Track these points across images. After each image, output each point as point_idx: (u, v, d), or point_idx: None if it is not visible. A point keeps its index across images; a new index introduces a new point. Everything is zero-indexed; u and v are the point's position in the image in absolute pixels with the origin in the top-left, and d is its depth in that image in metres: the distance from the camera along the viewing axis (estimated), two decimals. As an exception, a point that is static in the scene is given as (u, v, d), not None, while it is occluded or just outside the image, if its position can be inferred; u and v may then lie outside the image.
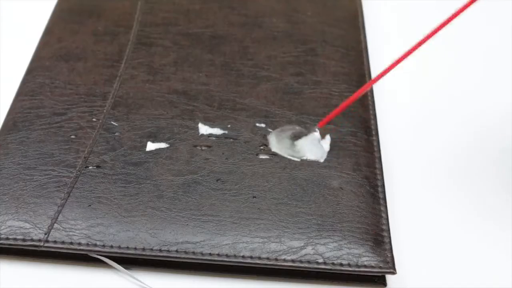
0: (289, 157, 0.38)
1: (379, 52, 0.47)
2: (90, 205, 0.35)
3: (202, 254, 0.33)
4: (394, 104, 0.44)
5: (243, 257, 0.33)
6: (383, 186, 0.37)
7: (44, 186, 0.36)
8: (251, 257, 0.33)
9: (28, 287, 0.34)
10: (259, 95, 0.42)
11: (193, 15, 0.48)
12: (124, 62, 0.43)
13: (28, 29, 0.47)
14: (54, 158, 0.37)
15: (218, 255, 0.33)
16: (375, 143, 0.39)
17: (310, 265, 0.33)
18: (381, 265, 0.33)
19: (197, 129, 0.39)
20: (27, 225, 0.34)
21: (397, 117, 0.44)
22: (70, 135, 0.39)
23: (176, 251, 0.33)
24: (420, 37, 0.34)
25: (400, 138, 0.42)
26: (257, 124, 0.40)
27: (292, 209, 0.35)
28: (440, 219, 0.37)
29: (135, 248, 0.33)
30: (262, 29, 0.47)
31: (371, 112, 0.42)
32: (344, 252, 0.34)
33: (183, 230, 0.34)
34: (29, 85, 0.42)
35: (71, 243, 0.33)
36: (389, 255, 0.34)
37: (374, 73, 0.44)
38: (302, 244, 0.34)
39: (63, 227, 0.34)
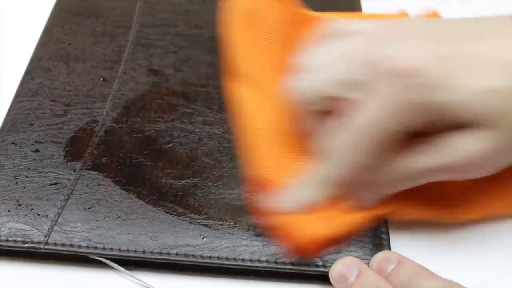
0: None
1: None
2: (90, 208, 0.35)
3: (202, 257, 0.33)
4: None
5: (242, 260, 0.33)
6: (381, 189, 0.37)
7: (44, 188, 0.36)
8: (250, 260, 0.33)
9: (28, 289, 0.34)
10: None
11: (192, 16, 0.47)
12: (123, 63, 0.43)
13: (26, 29, 0.47)
14: (53, 160, 0.37)
15: (218, 258, 0.33)
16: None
17: (310, 268, 0.33)
18: (380, 268, 0.33)
19: (196, 132, 0.39)
20: (27, 227, 0.34)
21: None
22: (70, 137, 0.39)
23: (176, 254, 0.33)
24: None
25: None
26: (257, 127, 0.40)
27: (291, 213, 0.35)
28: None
29: (135, 251, 0.34)
30: (261, 30, 0.47)
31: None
32: (343, 255, 0.34)
33: (183, 233, 0.34)
34: (28, 86, 0.42)
35: (71, 246, 0.34)
36: (387, 258, 0.34)
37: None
38: (301, 248, 0.34)
39: (63, 229, 0.34)
